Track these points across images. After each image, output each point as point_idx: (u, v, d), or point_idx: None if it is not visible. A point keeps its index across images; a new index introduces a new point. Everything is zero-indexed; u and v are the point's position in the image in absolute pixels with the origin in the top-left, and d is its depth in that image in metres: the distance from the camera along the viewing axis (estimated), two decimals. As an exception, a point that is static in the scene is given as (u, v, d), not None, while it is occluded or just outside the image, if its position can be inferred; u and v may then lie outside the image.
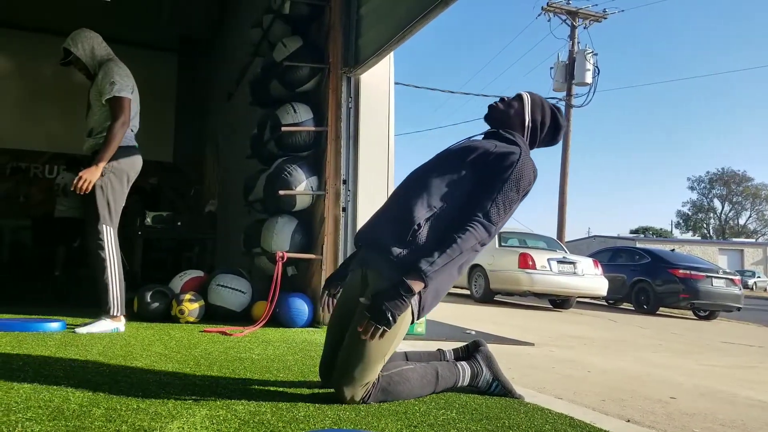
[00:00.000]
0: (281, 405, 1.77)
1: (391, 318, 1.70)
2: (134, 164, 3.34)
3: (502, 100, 2.14)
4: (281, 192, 3.55)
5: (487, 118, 2.15)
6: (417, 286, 1.73)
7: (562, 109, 2.20)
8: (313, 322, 3.56)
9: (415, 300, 1.81)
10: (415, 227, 1.82)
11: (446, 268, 1.76)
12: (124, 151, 3.24)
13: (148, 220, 6.85)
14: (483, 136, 2.11)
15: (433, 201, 1.88)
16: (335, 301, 2.09)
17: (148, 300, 3.60)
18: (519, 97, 2.12)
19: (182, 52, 10.71)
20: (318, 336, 3.23)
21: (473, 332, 4.03)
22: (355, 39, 3.71)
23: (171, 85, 10.85)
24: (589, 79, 16.96)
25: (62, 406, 1.66)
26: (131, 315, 3.73)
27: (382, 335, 1.72)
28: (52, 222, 6.88)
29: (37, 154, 9.78)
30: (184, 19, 9.42)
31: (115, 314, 3.18)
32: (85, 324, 3.12)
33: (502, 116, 2.09)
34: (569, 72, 17.20)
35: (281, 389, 2.00)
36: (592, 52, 17.22)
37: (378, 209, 2.07)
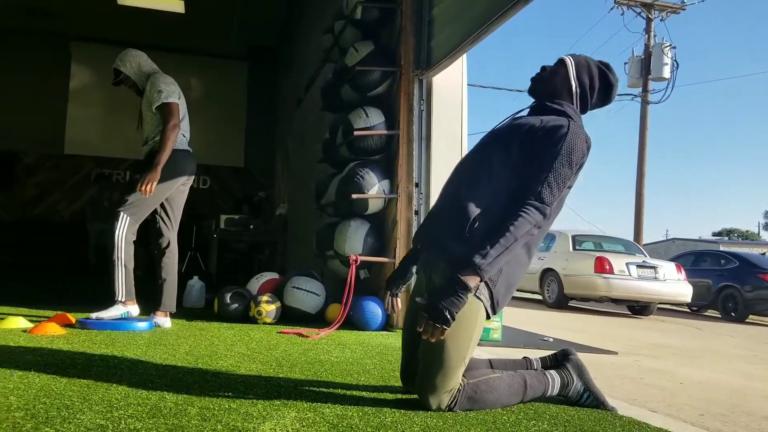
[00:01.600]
0: (367, 410, 1.77)
1: (449, 316, 1.65)
2: (183, 167, 3.45)
3: (543, 69, 2.01)
4: (354, 195, 3.57)
5: (531, 92, 2.02)
6: (472, 281, 1.67)
7: (611, 66, 2.02)
8: (387, 325, 3.56)
9: (485, 295, 1.77)
10: (471, 222, 1.77)
11: (503, 257, 1.69)
12: (173, 155, 3.36)
13: (222, 223, 7.07)
14: (529, 111, 2.00)
15: (484, 191, 1.81)
16: (398, 300, 2.06)
17: (228, 301, 3.70)
18: (562, 63, 1.98)
19: (252, 60, 11.02)
20: (393, 340, 3.23)
21: (551, 339, 3.92)
22: (427, 41, 3.69)
23: (242, 92, 11.19)
24: (666, 73, 16.16)
25: (159, 404, 1.71)
26: (212, 315, 3.86)
27: (442, 334, 1.68)
28: None
29: (118, 161, 10.30)
30: (253, 28, 9.69)
31: (122, 300, 3.30)
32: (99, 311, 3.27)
33: (547, 86, 1.96)
34: (645, 67, 16.45)
35: (364, 393, 2.00)
36: (670, 45, 16.41)
37: (432, 206, 2.03)
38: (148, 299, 3.50)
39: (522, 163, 1.80)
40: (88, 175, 10.34)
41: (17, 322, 3.09)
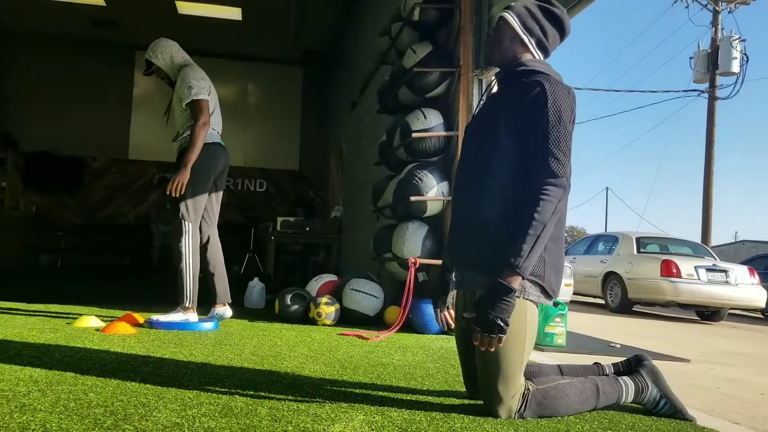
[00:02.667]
0: (435, 415, 1.75)
1: (502, 324, 1.62)
2: (216, 160, 3.46)
3: (487, 35, 1.93)
4: (412, 198, 3.55)
5: (488, 61, 1.97)
6: (515, 281, 1.63)
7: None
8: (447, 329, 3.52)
9: (534, 291, 1.73)
10: (494, 229, 1.73)
11: (537, 248, 1.64)
12: (205, 149, 3.39)
13: (278, 225, 7.19)
14: (498, 84, 1.92)
15: (493, 189, 1.75)
16: (447, 314, 2.05)
17: (288, 302, 3.74)
18: (502, 19, 1.89)
19: (306, 64, 11.18)
20: (453, 344, 3.17)
21: (618, 345, 3.79)
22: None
23: (296, 96, 11.38)
24: (735, 68, 15.41)
25: (230, 404, 1.74)
26: (274, 316, 3.92)
27: (501, 342, 1.64)
28: None
29: (178, 165, 10.64)
30: (308, 33, 9.83)
31: (187, 306, 3.35)
32: (162, 314, 3.34)
33: (500, 49, 1.88)
34: (712, 61, 15.74)
35: (430, 398, 1.98)
36: (739, 38, 15.65)
37: (451, 223, 1.98)
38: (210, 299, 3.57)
39: (515, 145, 1.73)
40: (151, 179, 10.74)
41: (90, 321, 3.22)
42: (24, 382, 1.85)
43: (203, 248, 3.52)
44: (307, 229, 7.27)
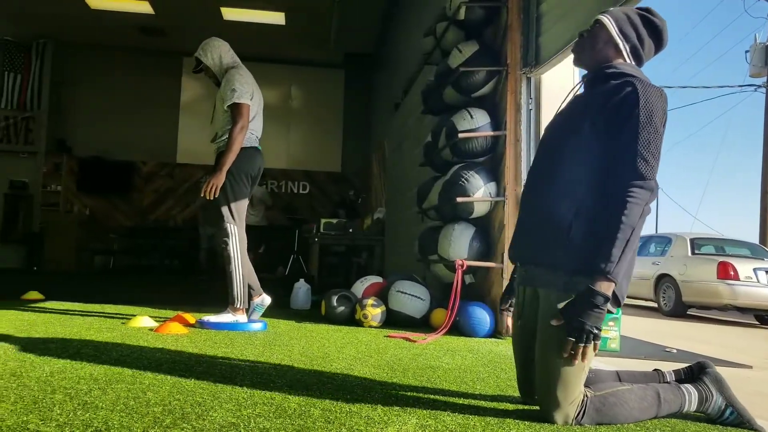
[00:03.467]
0: (489, 420, 1.72)
1: (596, 331, 1.58)
2: (253, 164, 3.48)
3: (581, 35, 1.85)
4: (459, 199, 3.51)
5: (578, 62, 1.87)
6: (607, 288, 1.58)
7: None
8: (495, 332, 3.47)
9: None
10: (567, 227, 1.67)
11: (627, 253, 1.58)
12: (242, 152, 3.41)
13: (321, 227, 7.24)
14: (584, 86, 1.85)
15: (570, 189, 1.70)
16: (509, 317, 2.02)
17: (334, 304, 3.76)
18: (598, 23, 1.82)
19: (348, 67, 11.26)
20: (503, 348, 3.14)
21: (674, 350, 3.65)
22: (535, 38, 3.58)
23: (338, 99, 11.47)
24: (796, 61, 14.75)
25: (283, 404, 1.75)
26: (320, 317, 3.94)
27: (596, 349, 1.60)
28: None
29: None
30: (350, 36, 9.88)
31: (237, 307, 3.39)
32: (213, 315, 3.40)
33: (593, 52, 1.81)
34: (770, 54, 15.08)
35: (482, 402, 1.95)
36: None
37: (519, 216, 1.93)
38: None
39: (601, 143, 1.67)
40: (198, 182, 10.97)
41: (144, 322, 3.30)
42: (85, 380, 1.90)
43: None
44: (350, 230, 7.29)
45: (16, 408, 1.56)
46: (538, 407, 1.77)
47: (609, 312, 1.67)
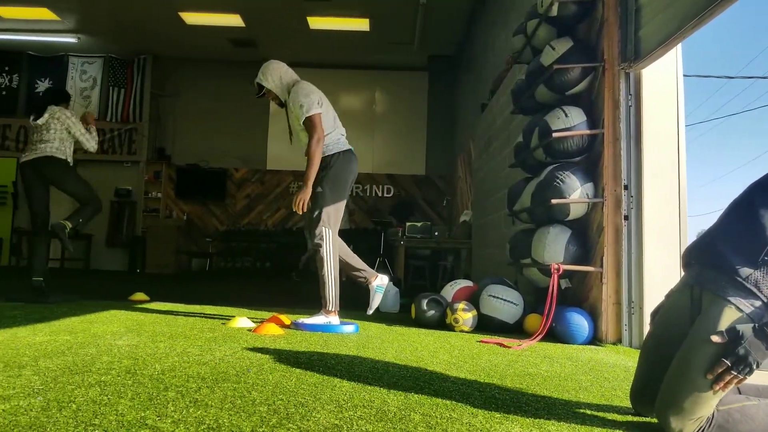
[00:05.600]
0: (597, 431, 1.63)
1: (756, 367, 1.43)
2: (348, 166, 3.52)
3: None
4: (554, 201, 3.39)
5: None
6: None
7: None
8: (594, 339, 3.32)
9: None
10: (766, 247, 1.51)
11: None
12: (337, 157, 3.46)
13: (407, 230, 7.25)
14: None
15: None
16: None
17: (425, 307, 3.73)
18: None
19: (431, 69, 11.24)
20: (603, 355, 2.99)
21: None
22: (634, 31, 3.40)
23: (422, 102, 11.48)
24: None
25: (383, 408, 1.74)
26: (410, 321, 3.93)
27: (740, 383, 1.47)
28: None
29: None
30: (434, 39, 9.86)
31: (330, 309, 3.41)
32: (307, 317, 3.46)
33: None
34: None
35: (587, 411, 1.85)
36: None
37: (715, 223, 1.77)
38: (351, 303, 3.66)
39: None
40: (288, 187, 11.33)
41: (242, 322, 3.42)
42: (193, 379, 1.98)
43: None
44: (436, 233, 7.26)
45: (133, 404, 1.64)
46: (650, 419, 1.66)
47: None
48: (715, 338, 1.52)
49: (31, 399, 1.63)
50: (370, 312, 3.59)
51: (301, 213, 3.43)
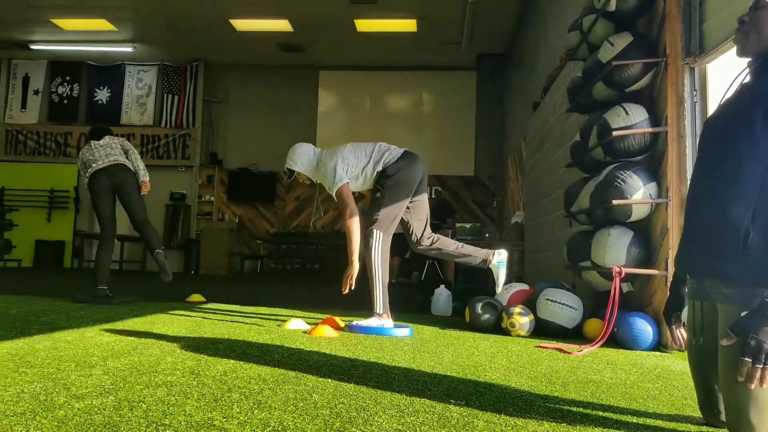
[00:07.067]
0: (674, 443, 1.55)
1: None
2: (409, 168, 3.51)
3: (742, 22, 1.63)
4: (615, 201, 3.28)
5: (743, 53, 1.64)
6: None
7: None
8: (659, 345, 3.19)
9: None
10: (743, 234, 1.47)
11: None
12: (394, 166, 3.45)
13: (456, 231, 7.17)
14: (751, 73, 1.63)
15: (744, 190, 1.50)
16: (682, 331, 1.82)
17: (479, 311, 3.67)
18: (762, 6, 1.60)
19: (480, 68, 11.12)
20: (670, 362, 2.87)
21: None
22: (698, 25, 3.26)
23: (470, 101, 11.37)
24: None
25: (445, 413, 1.71)
26: (464, 325, 3.88)
27: None
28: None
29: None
30: (482, 37, 9.76)
31: (379, 312, 3.37)
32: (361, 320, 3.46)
33: (758, 39, 1.59)
34: None
35: (659, 422, 1.77)
36: None
37: (684, 227, 1.73)
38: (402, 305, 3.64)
39: None
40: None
41: (297, 324, 3.44)
42: (255, 380, 2.00)
43: (435, 248, 3.65)
44: (487, 235, 7.16)
45: (200, 405, 1.66)
46: (726, 430, 1.58)
47: None
48: (725, 341, 1.49)
49: (104, 398, 1.67)
50: (499, 291, 3.61)
51: (346, 292, 3.38)
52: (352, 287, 3.36)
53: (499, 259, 3.54)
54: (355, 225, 3.38)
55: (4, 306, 3.97)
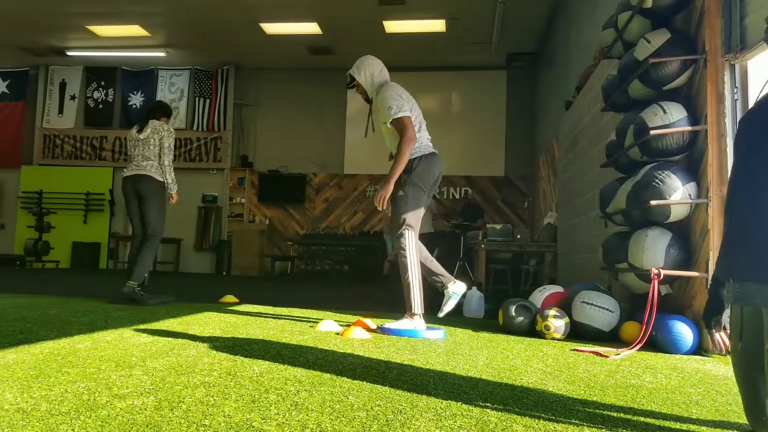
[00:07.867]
0: (722, 452, 1.51)
1: None
2: (431, 170, 3.52)
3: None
4: (653, 202, 3.20)
5: None
6: None
7: None
8: (699, 349, 3.11)
9: None
10: None
11: None
12: (419, 160, 3.46)
13: (487, 233, 7.10)
14: None
15: None
16: (723, 335, 1.78)
17: (513, 314, 3.63)
18: None
19: (510, 67, 11.02)
20: (711, 366, 2.79)
21: None
22: (739, 20, 3.17)
23: (500, 101, 11.27)
24: None
25: (483, 417, 1.69)
26: (497, 327, 3.84)
27: None
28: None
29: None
30: (512, 36, 9.66)
31: (415, 312, 3.37)
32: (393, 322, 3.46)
33: None
34: None
35: (703, 429, 1.72)
36: None
37: (725, 231, 1.67)
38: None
39: None
40: (364, 191, 11.43)
41: (330, 325, 3.45)
42: (291, 382, 2.01)
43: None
44: (518, 236, 7.08)
45: (238, 405, 1.67)
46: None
47: None
48: None
49: (144, 398, 1.70)
50: (441, 315, 3.54)
51: (380, 209, 3.45)
52: (384, 206, 3.42)
53: (455, 290, 3.49)
54: (408, 150, 3.41)
55: (44, 306, 4.07)
